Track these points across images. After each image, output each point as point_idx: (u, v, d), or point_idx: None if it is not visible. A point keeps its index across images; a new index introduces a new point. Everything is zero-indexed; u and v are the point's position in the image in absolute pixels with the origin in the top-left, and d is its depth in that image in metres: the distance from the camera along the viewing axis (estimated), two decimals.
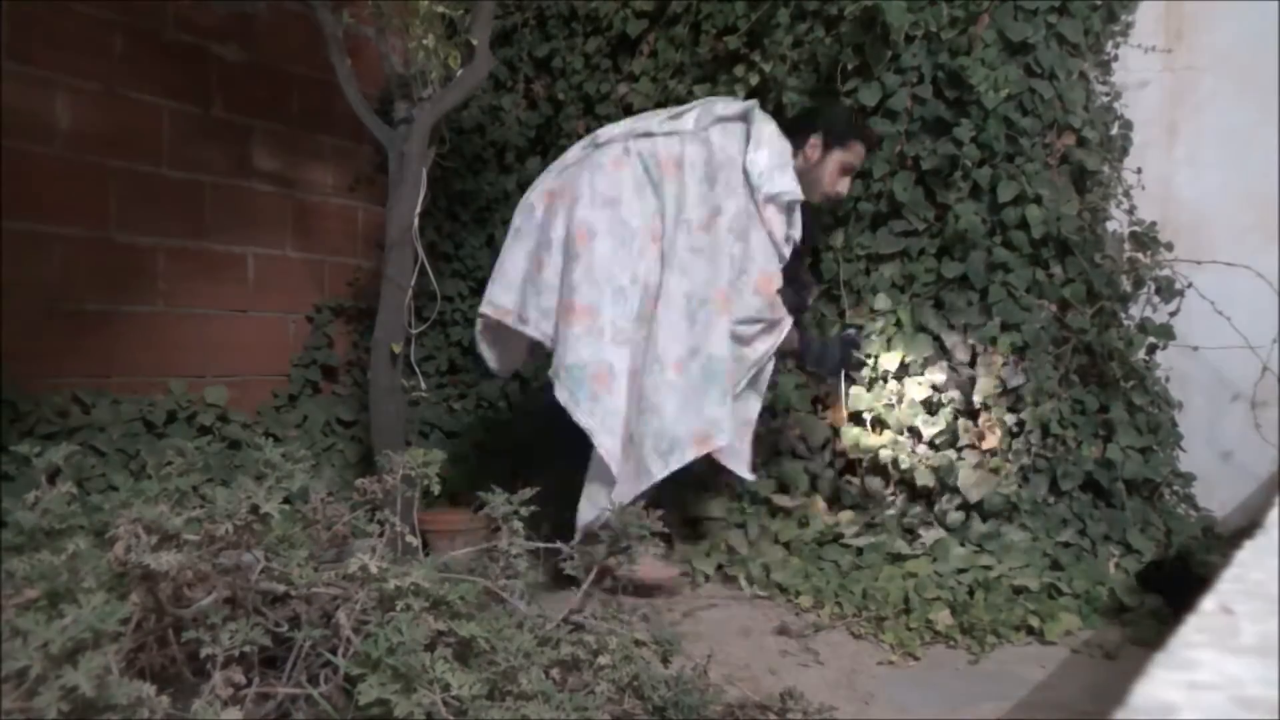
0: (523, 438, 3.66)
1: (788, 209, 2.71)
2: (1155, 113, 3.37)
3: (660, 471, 2.53)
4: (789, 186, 2.67)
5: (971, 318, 3.10)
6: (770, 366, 2.90)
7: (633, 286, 2.62)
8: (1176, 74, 3.36)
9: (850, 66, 3.17)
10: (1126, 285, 3.25)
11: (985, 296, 3.08)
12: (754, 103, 2.81)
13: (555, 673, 1.63)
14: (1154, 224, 3.25)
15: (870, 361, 3.17)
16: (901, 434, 3.13)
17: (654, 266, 2.65)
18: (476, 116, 4.13)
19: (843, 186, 2.86)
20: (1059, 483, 3.00)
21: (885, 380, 3.16)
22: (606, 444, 2.55)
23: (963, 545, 2.90)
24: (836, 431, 3.27)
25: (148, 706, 1.18)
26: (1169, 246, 3.24)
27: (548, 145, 4.20)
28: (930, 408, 3.09)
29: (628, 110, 3.97)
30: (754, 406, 2.89)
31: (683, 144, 2.68)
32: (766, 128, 2.73)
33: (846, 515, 3.10)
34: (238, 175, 3.59)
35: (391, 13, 2.95)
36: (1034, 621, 2.50)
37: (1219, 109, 3.30)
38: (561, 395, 2.59)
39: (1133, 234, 3.28)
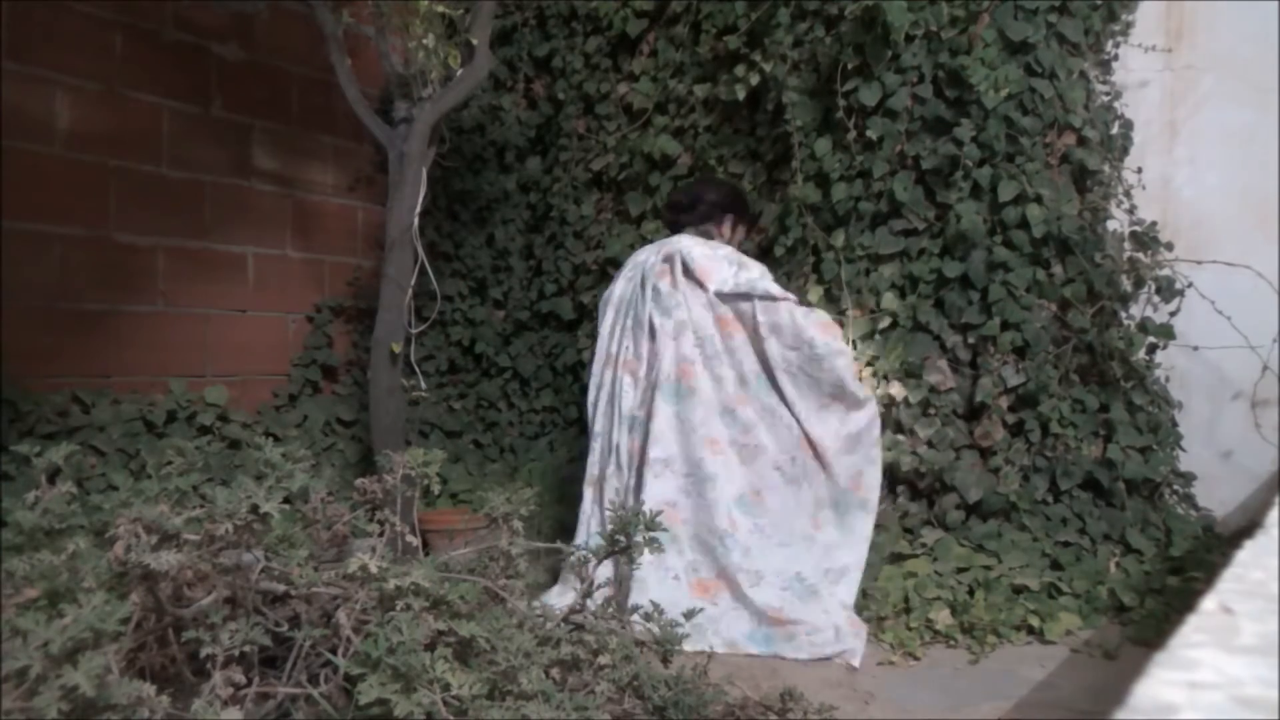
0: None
1: None
2: (1155, 112, 3.37)
3: None
4: None
5: (972, 317, 3.10)
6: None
7: None
8: (1176, 74, 3.36)
9: (850, 66, 3.17)
10: (1127, 285, 3.25)
11: (986, 296, 3.08)
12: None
13: (555, 673, 1.63)
14: (1154, 224, 3.25)
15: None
16: (901, 434, 3.12)
17: None
18: (476, 116, 4.13)
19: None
20: (1059, 482, 3.00)
21: (886, 380, 3.16)
22: None
23: (963, 545, 2.90)
24: None
25: (148, 706, 1.18)
26: (1169, 246, 3.24)
27: (548, 145, 4.20)
28: (930, 408, 3.09)
29: (628, 110, 3.97)
30: None
31: None
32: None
33: None
34: (238, 175, 3.59)
35: (391, 13, 2.95)
36: (1034, 621, 2.51)
37: (1219, 109, 3.30)
38: None
39: (1133, 234, 3.28)
